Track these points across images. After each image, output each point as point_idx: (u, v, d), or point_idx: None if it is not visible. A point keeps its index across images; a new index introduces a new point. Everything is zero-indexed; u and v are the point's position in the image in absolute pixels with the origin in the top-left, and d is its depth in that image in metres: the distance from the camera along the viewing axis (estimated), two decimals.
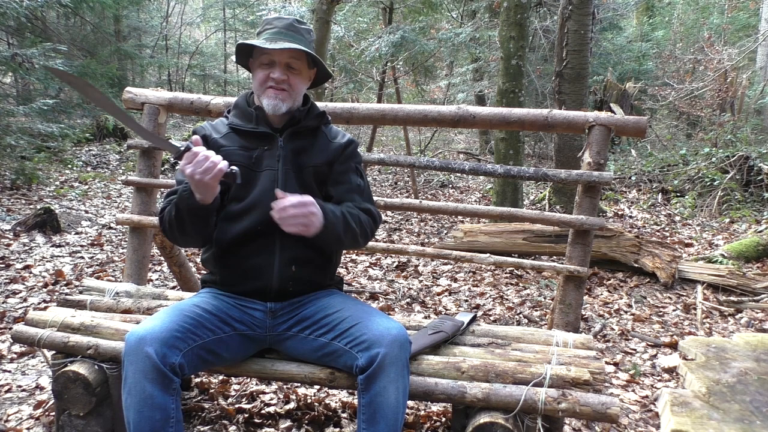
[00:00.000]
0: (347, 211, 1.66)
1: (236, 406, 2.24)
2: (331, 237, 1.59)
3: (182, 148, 1.47)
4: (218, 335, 1.59)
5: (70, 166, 7.60)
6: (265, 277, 1.67)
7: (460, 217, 6.11)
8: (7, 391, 2.31)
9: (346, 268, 4.47)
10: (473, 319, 2.01)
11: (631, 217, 6.63)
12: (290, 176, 1.70)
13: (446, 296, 3.88)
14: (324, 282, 1.79)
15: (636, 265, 4.26)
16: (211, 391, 2.33)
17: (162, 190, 2.81)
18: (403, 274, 4.35)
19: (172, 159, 1.66)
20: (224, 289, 1.72)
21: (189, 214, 1.55)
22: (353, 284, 4.05)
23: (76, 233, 4.85)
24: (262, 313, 1.69)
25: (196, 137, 1.50)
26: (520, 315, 3.53)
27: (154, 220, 2.56)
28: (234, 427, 2.08)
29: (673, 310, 3.68)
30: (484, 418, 1.58)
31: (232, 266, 1.70)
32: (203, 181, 1.45)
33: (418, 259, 4.68)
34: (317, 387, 2.40)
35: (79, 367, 1.78)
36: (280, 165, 1.71)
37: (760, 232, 5.24)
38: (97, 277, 3.79)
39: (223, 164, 1.46)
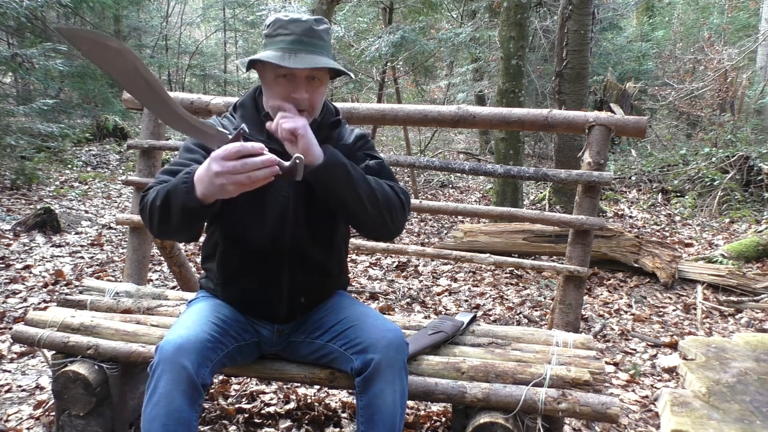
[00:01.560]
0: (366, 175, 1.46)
1: (236, 406, 2.24)
2: (341, 181, 1.38)
3: (230, 135, 1.20)
4: (239, 343, 1.57)
5: (70, 166, 7.60)
6: (272, 308, 1.62)
7: (460, 217, 6.11)
8: (7, 391, 2.31)
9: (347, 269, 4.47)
10: (473, 319, 2.01)
11: (631, 217, 6.63)
12: (300, 204, 1.55)
13: (446, 296, 3.88)
14: (332, 294, 1.74)
15: (636, 265, 4.26)
16: (211, 391, 2.33)
17: None
18: (403, 274, 4.35)
19: (176, 158, 1.52)
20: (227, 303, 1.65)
21: (181, 212, 1.30)
22: (353, 284, 4.04)
23: (76, 233, 4.85)
24: (269, 332, 1.66)
25: (244, 126, 1.24)
26: (520, 315, 3.53)
27: None
28: (234, 427, 2.08)
29: (673, 310, 3.68)
30: (484, 418, 1.58)
31: (235, 294, 1.62)
32: (230, 188, 1.21)
33: (418, 259, 4.67)
34: (317, 387, 2.40)
35: (79, 367, 1.78)
36: (290, 192, 1.54)
37: (760, 232, 5.24)
38: (97, 277, 3.79)
39: (272, 168, 1.20)
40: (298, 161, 1.24)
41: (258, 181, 1.20)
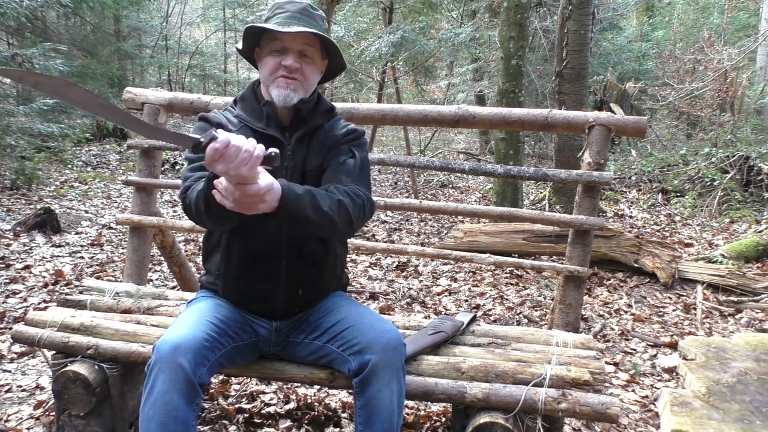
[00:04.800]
0: (319, 191, 1.45)
1: (236, 406, 2.24)
2: (295, 216, 1.36)
3: (203, 140, 1.18)
4: (237, 343, 1.57)
5: (70, 166, 7.60)
6: (271, 301, 1.62)
7: (460, 217, 6.11)
8: (7, 391, 2.31)
9: (346, 268, 4.47)
10: (473, 319, 2.01)
11: (631, 217, 6.63)
12: None
13: (446, 296, 3.88)
14: (331, 290, 1.75)
15: (636, 265, 4.26)
16: (211, 391, 2.33)
17: (162, 190, 2.82)
18: (403, 274, 4.35)
19: (186, 153, 1.51)
20: (227, 302, 1.66)
21: (214, 213, 1.34)
22: (353, 284, 4.04)
23: (76, 233, 4.85)
24: (267, 331, 1.66)
25: (221, 130, 1.22)
26: (520, 315, 3.53)
27: (154, 220, 2.56)
28: (234, 427, 2.08)
29: (673, 310, 3.68)
30: (484, 418, 1.58)
31: (235, 287, 1.63)
32: (241, 175, 1.20)
33: (418, 259, 4.67)
34: (317, 387, 2.40)
35: (79, 367, 1.78)
36: (287, 179, 1.54)
37: (760, 232, 5.24)
38: (97, 277, 3.79)
39: (259, 149, 1.21)
40: (273, 154, 1.23)
41: (250, 163, 1.20)
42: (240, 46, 1.64)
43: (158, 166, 2.71)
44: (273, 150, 1.24)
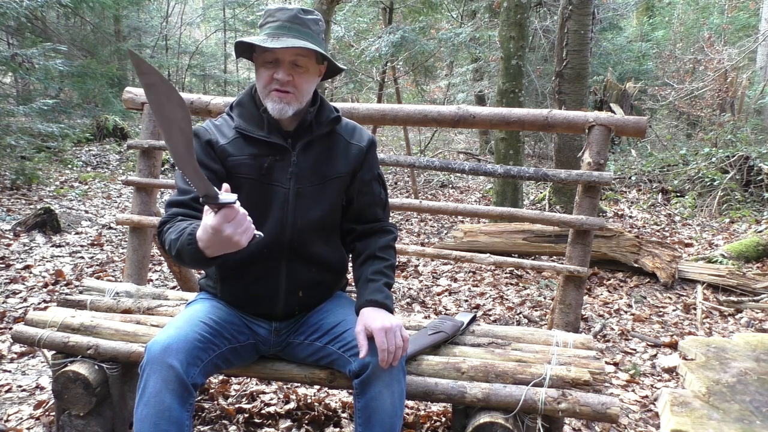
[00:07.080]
0: (384, 269, 1.65)
1: (236, 406, 2.24)
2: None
3: (222, 199, 1.21)
4: (233, 344, 1.56)
5: (70, 166, 7.60)
6: (270, 303, 1.61)
7: (460, 217, 6.11)
8: (7, 391, 2.31)
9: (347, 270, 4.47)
10: (473, 319, 2.01)
11: (631, 217, 6.63)
12: (302, 196, 1.58)
13: (446, 296, 3.88)
14: (332, 294, 1.75)
15: (636, 265, 4.26)
16: (211, 391, 2.33)
17: (162, 190, 2.82)
18: (403, 274, 4.35)
19: (178, 182, 1.55)
20: (225, 304, 1.65)
21: (193, 262, 1.38)
22: (353, 284, 4.04)
23: (76, 233, 4.85)
24: (266, 331, 1.65)
25: (226, 186, 1.25)
26: (520, 315, 3.53)
27: (154, 220, 2.56)
28: (234, 427, 2.08)
29: (673, 310, 3.68)
30: (484, 418, 1.58)
31: (234, 290, 1.62)
32: (235, 242, 1.25)
33: (418, 259, 4.67)
34: (317, 387, 2.40)
35: (79, 367, 1.78)
36: (291, 184, 1.56)
37: (760, 232, 5.24)
38: (97, 277, 3.79)
39: (253, 227, 1.29)
40: (258, 236, 1.32)
41: (249, 235, 1.29)
42: (235, 56, 1.66)
43: (158, 166, 2.71)
44: (259, 233, 1.32)
